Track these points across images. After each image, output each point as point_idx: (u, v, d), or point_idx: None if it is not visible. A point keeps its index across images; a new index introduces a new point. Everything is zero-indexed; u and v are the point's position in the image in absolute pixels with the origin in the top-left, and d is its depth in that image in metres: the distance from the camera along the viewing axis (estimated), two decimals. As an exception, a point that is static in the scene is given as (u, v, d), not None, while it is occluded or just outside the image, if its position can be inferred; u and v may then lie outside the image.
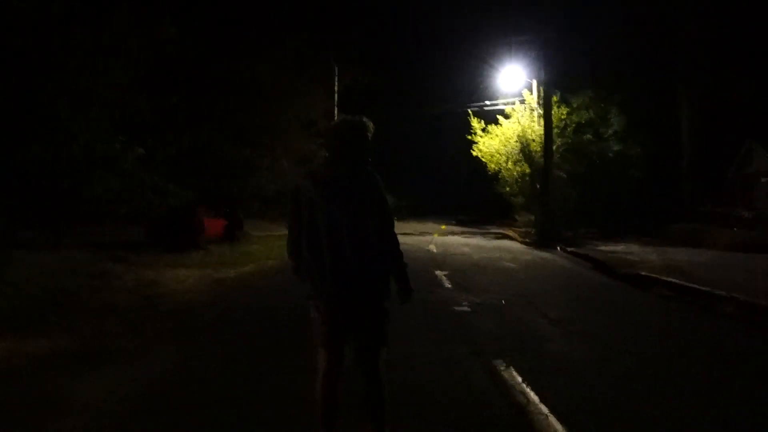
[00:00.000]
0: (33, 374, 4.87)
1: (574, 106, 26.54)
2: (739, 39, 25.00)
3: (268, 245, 19.73)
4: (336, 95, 23.56)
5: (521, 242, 23.27)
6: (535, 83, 25.08)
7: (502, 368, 4.94)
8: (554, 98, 23.36)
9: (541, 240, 20.95)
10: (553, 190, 21.92)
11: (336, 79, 23.30)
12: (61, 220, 13.22)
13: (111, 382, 4.63)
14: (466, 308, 7.88)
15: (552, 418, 3.83)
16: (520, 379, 4.64)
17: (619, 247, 17.37)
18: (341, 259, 2.99)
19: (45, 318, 6.95)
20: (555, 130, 23.03)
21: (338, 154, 3.14)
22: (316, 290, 3.08)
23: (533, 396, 4.25)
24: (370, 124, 3.19)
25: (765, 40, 24.53)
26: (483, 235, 29.14)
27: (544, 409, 4.00)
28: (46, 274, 8.97)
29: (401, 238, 3.24)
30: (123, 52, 10.77)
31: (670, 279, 9.80)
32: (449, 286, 10.12)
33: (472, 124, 26.57)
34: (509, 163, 25.65)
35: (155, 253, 14.75)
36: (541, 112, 23.67)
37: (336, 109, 23.36)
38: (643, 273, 10.75)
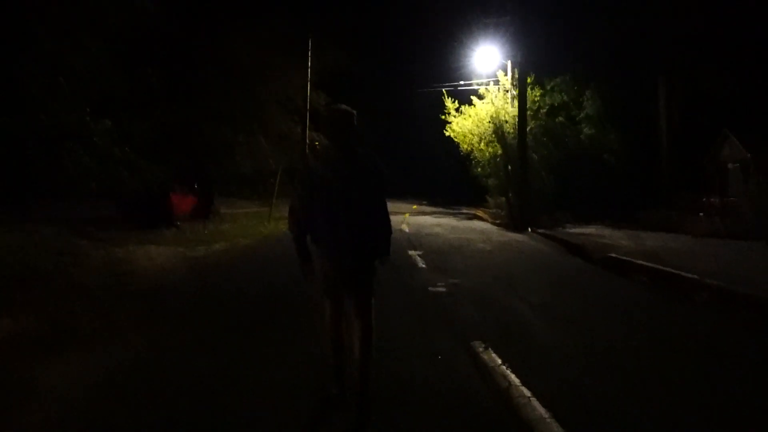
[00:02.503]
0: (-7, 357, 4.67)
1: (548, 88, 26.55)
2: (719, 30, 25.19)
3: (241, 224, 19.53)
4: (309, 72, 23.22)
5: (493, 224, 23.42)
6: (509, 64, 25.04)
7: (483, 352, 4.91)
8: (528, 79, 23.31)
9: (513, 222, 21.07)
10: (527, 173, 21.98)
11: (309, 56, 22.92)
12: (28, 195, 12.80)
13: (76, 368, 4.46)
14: (443, 290, 7.85)
15: (535, 402, 3.80)
16: (501, 362, 4.61)
17: (593, 232, 17.50)
18: (350, 228, 3.58)
19: (9, 297, 6.69)
20: (528, 112, 22.97)
21: (338, 139, 3.68)
22: (325, 254, 3.65)
23: (515, 379, 4.22)
24: (354, 112, 3.75)
25: (745, 32, 24.78)
26: (455, 215, 29.30)
27: (527, 392, 3.97)
28: (12, 251, 8.68)
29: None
30: (99, 23, 10.34)
31: (645, 264, 9.84)
32: (424, 267, 10.09)
33: (446, 104, 26.43)
34: (482, 144, 25.56)
35: (126, 230, 14.47)
36: (515, 93, 23.63)
37: (309, 86, 23.08)
38: (618, 257, 10.80)
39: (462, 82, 27.72)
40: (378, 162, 3.73)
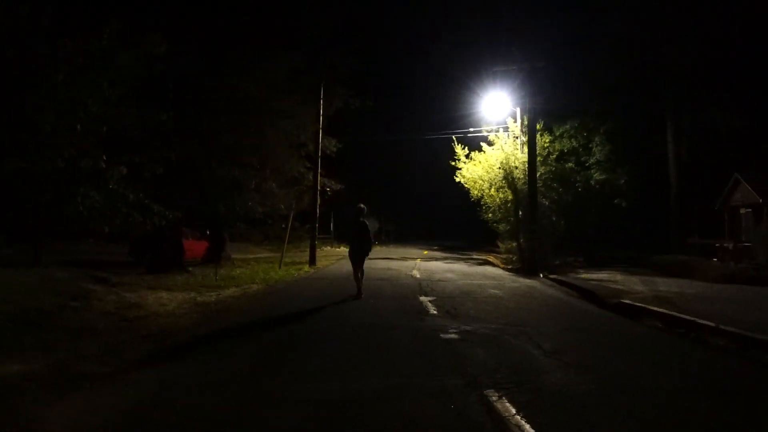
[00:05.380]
0: (2, 399, 4.65)
1: (557, 134, 26.69)
2: (727, 71, 25.41)
3: (252, 269, 19.49)
4: (321, 118, 23.46)
5: (504, 269, 23.24)
6: (518, 111, 25.23)
7: (497, 401, 4.79)
8: (538, 126, 23.44)
9: (525, 267, 20.91)
10: (538, 218, 21.94)
11: (321, 101, 23.18)
12: (41, 237, 12.91)
13: (85, 410, 4.46)
14: (455, 336, 7.75)
15: (551, 454, 3.70)
16: (515, 412, 4.50)
17: (605, 277, 17.36)
18: (357, 244, 12.61)
19: (19, 339, 6.74)
20: (538, 158, 23.04)
21: (356, 216, 12.69)
22: (351, 250, 12.76)
23: (530, 430, 4.11)
24: (364, 206, 12.80)
25: (753, 73, 24.99)
26: (466, 261, 29.12)
27: (542, 443, 3.87)
28: (23, 293, 8.70)
29: (385, 263, 4.02)
30: (112, 66, 10.57)
31: (660, 310, 9.73)
32: (436, 313, 9.98)
33: (456, 150, 26.59)
34: (492, 189, 25.60)
35: (137, 273, 14.51)
36: (525, 139, 23.75)
37: (321, 133, 23.31)
38: (632, 303, 10.67)
39: (472, 129, 27.94)
40: (367, 225, 12.65)
